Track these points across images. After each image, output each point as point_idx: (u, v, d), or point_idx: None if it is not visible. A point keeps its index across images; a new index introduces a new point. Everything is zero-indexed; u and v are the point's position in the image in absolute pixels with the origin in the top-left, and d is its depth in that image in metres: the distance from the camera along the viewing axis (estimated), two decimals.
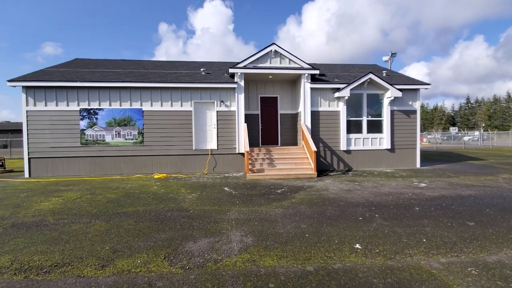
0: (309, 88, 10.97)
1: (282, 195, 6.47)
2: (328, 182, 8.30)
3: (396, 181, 8.33)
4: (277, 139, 12.32)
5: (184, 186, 7.69)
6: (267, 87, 12.26)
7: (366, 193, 6.69)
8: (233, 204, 5.69)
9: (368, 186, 7.61)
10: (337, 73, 12.96)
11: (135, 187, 7.72)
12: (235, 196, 6.44)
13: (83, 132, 10.31)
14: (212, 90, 10.77)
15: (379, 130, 11.52)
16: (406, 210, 5.16)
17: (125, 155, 10.47)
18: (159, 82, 10.42)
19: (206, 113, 10.91)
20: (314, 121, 11.13)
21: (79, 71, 11.63)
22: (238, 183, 8.20)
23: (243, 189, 7.29)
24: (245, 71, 10.62)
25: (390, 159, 11.52)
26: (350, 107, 11.32)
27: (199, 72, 12.06)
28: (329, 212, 5.02)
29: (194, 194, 6.62)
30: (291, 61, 11.07)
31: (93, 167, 10.38)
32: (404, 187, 7.40)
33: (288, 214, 4.93)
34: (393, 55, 23.03)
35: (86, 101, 10.32)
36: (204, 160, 10.75)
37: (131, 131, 10.48)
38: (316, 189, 7.16)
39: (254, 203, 5.76)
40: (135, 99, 10.48)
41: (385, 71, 13.23)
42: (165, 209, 5.33)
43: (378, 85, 11.20)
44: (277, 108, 12.32)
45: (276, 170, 9.41)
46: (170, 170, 10.59)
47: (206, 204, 5.70)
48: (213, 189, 7.24)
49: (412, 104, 11.67)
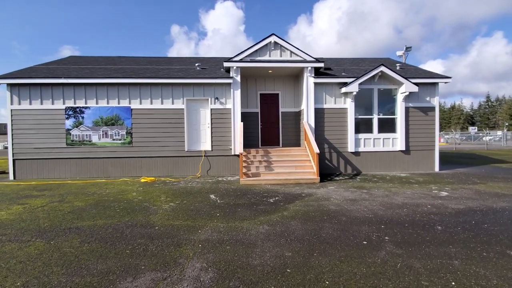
0: (312, 83, 9.90)
1: (273, 206, 5.48)
2: (331, 189, 7.23)
3: (411, 189, 7.16)
4: (278, 139, 11.30)
5: (166, 193, 6.82)
6: (268, 83, 11.27)
7: (375, 204, 5.60)
8: (211, 217, 4.75)
9: (378, 194, 6.49)
10: (345, 67, 11.81)
11: (113, 193, 6.92)
12: (218, 206, 5.50)
13: (69, 132, 9.66)
14: (205, 86, 9.88)
15: (392, 129, 10.30)
16: (425, 231, 4.05)
17: (113, 157, 9.74)
18: (149, 78, 9.63)
19: (199, 111, 10.04)
20: (318, 119, 10.04)
21: (67, 68, 11.03)
22: (229, 189, 7.26)
23: (231, 197, 6.34)
24: (242, 64, 9.67)
25: (404, 162, 10.27)
26: (359, 104, 10.16)
27: (193, 67, 11.21)
28: (326, 232, 3.99)
29: (172, 204, 5.73)
30: (292, 53, 10.03)
31: (79, 170, 9.70)
32: (422, 197, 6.24)
33: (274, 233, 3.94)
34: (408, 49, 21.47)
35: (71, 99, 9.66)
36: (197, 162, 9.88)
37: (119, 131, 9.74)
38: (316, 198, 6.12)
39: (237, 216, 4.80)
40: (123, 97, 9.74)
41: (398, 64, 11.96)
42: (128, 223, 4.46)
43: (390, 78, 9.98)
44: (278, 105, 11.30)
45: (273, 175, 8.41)
46: (161, 173, 9.78)
47: (179, 217, 4.78)
48: (197, 197, 6.33)
49: (430, 100, 10.38)
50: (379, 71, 9.82)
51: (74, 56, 13.67)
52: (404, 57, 21.92)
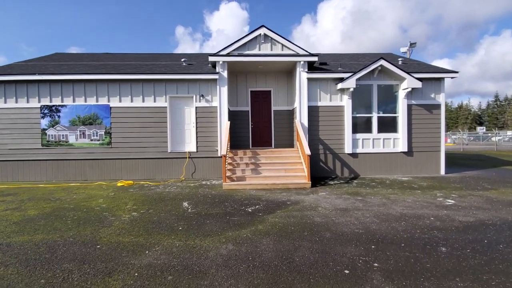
0: (305, 78, 9.12)
1: (249, 217, 4.73)
2: (322, 195, 6.44)
3: (413, 195, 6.34)
4: (270, 140, 10.54)
5: (136, 200, 6.12)
6: (259, 80, 10.52)
7: (369, 215, 4.81)
8: (170, 232, 4.02)
9: (374, 203, 5.69)
10: (343, 62, 10.99)
11: (78, 199, 6.24)
12: (186, 217, 4.77)
13: (44, 132, 9.04)
14: (190, 82, 9.17)
15: (393, 129, 9.46)
16: (426, 254, 3.26)
17: (91, 158, 9.09)
18: (129, 74, 8.96)
19: (184, 110, 9.33)
20: (312, 118, 9.25)
21: (46, 64, 10.44)
22: (208, 195, 6.53)
23: (207, 205, 5.60)
24: (228, 59, 8.94)
25: (406, 165, 9.42)
26: (356, 101, 9.34)
27: (179, 63, 10.52)
28: (301, 255, 3.23)
29: (135, 214, 5.02)
30: (284, 46, 9.26)
31: (56, 172, 9.07)
32: (424, 206, 5.42)
33: (236, 257, 3.19)
34: (413, 45, 20.49)
35: (47, 97, 9.04)
36: (181, 165, 9.17)
37: (97, 131, 9.09)
38: (302, 207, 5.35)
39: (202, 231, 4.06)
40: (102, 94, 9.08)
41: (400, 59, 11.10)
42: (69, 239, 3.75)
43: (391, 73, 9.15)
44: (270, 103, 10.54)
45: (260, 179, 7.66)
46: (142, 176, 9.10)
47: (133, 232, 4.06)
48: (168, 205, 5.61)
49: (435, 97, 9.50)
50: (379, 65, 8.99)
51: (60, 53, 13.11)
52: (409, 54, 20.94)
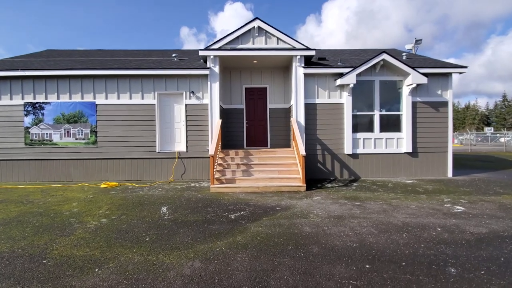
0: (302, 73, 8.55)
1: (230, 226, 4.19)
2: (316, 200, 5.87)
3: (417, 201, 5.73)
4: (266, 139, 9.99)
5: (113, 204, 5.63)
6: (254, 76, 9.97)
7: (366, 225, 4.23)
8: (135, 244, 3.50)
9: (373, 209, 5.10)
10: (343, 57, 10.39)
11: (52, 202, 5.78)
12: (160, 225, 4.25)
13: (28, 131, 8.63)
14: (180, 78, 8.67)
15: (397, 128, 8.83)
16: (431, 277, 2.69)
17: (76, 158, 8.65)
18: (115, 69, 8.49)
19: (173, 107, 8.84)
20: (310, 116, 8.68)
21: (33, 60, 10.05)
22: (192, 198, 6.01)
23: (187, 210, 5.08)
24: (220, 53, 8.41)
25: (411, 166, 8.79)
26: (357, 99, 8.74)
27: (171, 58, 10.03)
28: (279, 276, 2.68)
29: (104, 220, 4.52)
30: (279, 40, 8.71)
31: (39, 172, 8.66)
32: (430, 213, 4.82)
33: (199, 278, 2.65)
34: (418, 42, 19.73)
35: (31, 94, 8.63)
36: (170, 165, 8.68)
37: (82, 129, 8.65)
38: (291, 214, 4.79)
39: (170, 243, 3.54)
40: (87, 91, 8.63)
41: (405, 54, 10.46)
42: (16, 252, 3.26)
43: (394, 68, 8.53)
44: (266, 101, 9.99)
45: (251, 181, 7.11)
46: (129, 177, 8.63)
47: (92, 242, 3.56)
48: (144, 210, 5.10)
49: (442, 93, 8.85)
50: (381, 60, 8.38)
51: (51, 50, 12.74)
52: (414, 51, 20.18)
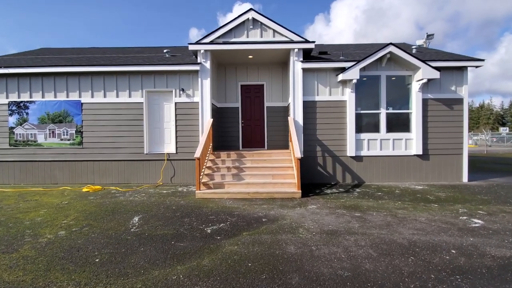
0: (300, 68, 7.85)
1: (202, 243, 3.56)
2: (311, 209, 5.18)
3: (428, 211, 4.97)
4: (263, 140, 9.34)
5: (84, 211, 5.09)
6: (250, 73, 9.33)
7: (364, 243, 3.53)
8: (79, 267, 2.92)
9: (375, 222, 4.38)
10: (347, 51, 9.63)
11: (20, 209, 5.29)
12: (120, 240, 3.67)
13: (12, 131, 8.25)
14: (169, 74, 8.12)
15: (405, 127, 8.03)
16: None
17: (61, 160, 8.21)
18: (101, 66, 8.01)
19: (163, 106, 8.29)
20: (309, 115, 7.98)
21: (21, 58, 9.70)
22: (173, 206, 5.42)
23: (161, 221, 4.49)
24: (211, 47, 7.81)
25: (421, 170, 7.97)
26: (361, 96, 7.99)
27: (162, 54, 9.51)
28: None
29: (63, 232, 3.97)
30: (276, 32, 8.04)
31: (24, 175, 8.26)
32: (442, 229, 4.07)
33: None
34: (430, 36, 18.58)
35: (15, 92, 8.25)
36: (159, 168, 8.14)
37: (67, 130, 8.20)
38: (278, 228, 4.13)
39: (121, 266, 2.94)
40: (73, 89, 8.18)
41: (415, 47, 9.61)
42: None
43: (403, 62, 7.74)
44: (263, 99, 9.34)
45: (241, 186, 6.47)
46: (116, 180, 8.13)
47: (31, 264, 3.00)
48: (113, 220, 4.54)
49: (456, 89, 8.00)
50: (387, 52, 7.61)
51: (45, 48, 12.45)
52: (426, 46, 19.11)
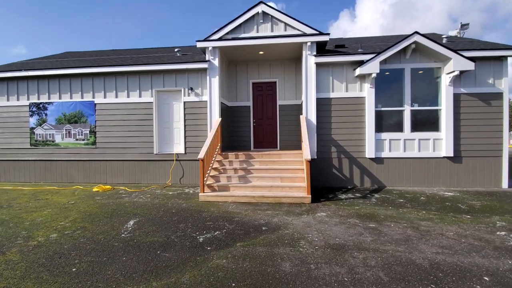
0: (313, 63, 7.32)
1: (190, 253, 3.26)
2: (320, 217, 4.69)
3: (457, 224, 4.27)
4: (275, 140, 8.91)
5: (85, 212, 5.03)
6: (262, 70, 8.94)
7: (375, 264, 3.01)
8: (53, 276, 2.74)
9: (392, 236, 3.81)
10: (368, 44, 8.89)
11: (27, 208, 5.36)
12: (107, 247, 3.47)
13: (33, 131, 8.59)
14: (178, 73, 7.97)
15: (434, 126, 7.19)
16: None
17: (76, 159, 8.40)
18: (112, 66, 8.06)
19: (172, 105, 8.17)
20: (323, 113, 7.42)
21: (42, 61, 10.11)
22: (173, 209, 5.20)
23: (156, 225, 4.26)
24: (220, 44, 7.53)
25: (452, 174, 7.09)
26: (382, 91, 7.28)
27: (173, 54, 9.41)
28: None
29: (55, 235, 3.87)
30: (287, 26, 7.58)
31: (43, 173, 8.58)
32: (474, 247, 3.41)
33: None
34: (464, 26, 16.79)
35: (35, 94, 8.58)
36: (168, 168, 8.03)
37: (82, 130, 8.37)
38: (277, 239, 3.71)
39: (95, 279, 2.71)
40: (87, 90, 8.33)
41: (445, 36, 8.65)
42: None
43: (430, 52, 6.92)
44: (275, 97, 8.90)
45: (247, 189, 6.11)
46: (127, 180, 8.16)
47: (10, 270, 2.87)
48: (108, 223, 4.39)
49: (494, 82, 7.00)
50: (412, 42, 6.83)
51: (69, 52, 12.97)
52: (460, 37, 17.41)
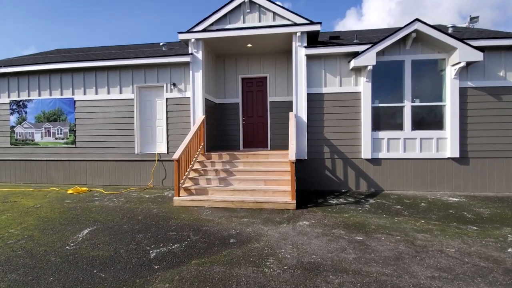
0: (304, 55, 6.72)
1: (130, 274, 2.73)
2: (301, 227, 4.10)
3: (461, 238, 3.63)
4: (266, 139, 8.33)
5: (43, 218, 4.57)
6: (252, 64, 8.37)
7: None
8: None
9: (379, 253, 3.20)
10: (366, 36, 8.23)
11: None
12: (40, 263, 2.98)
13: (13, 130, 8.24)
14: (160, 68, 7.48)
15: (437, 124, 6.50)
16: None
17: (56, 159, 8.00)
18: (92, 61, 7.61)
19: (155, 102, 7.69)
20: (314, 110, 6.81)
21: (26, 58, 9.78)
22: (140, 215, 4.68)
23: (111, 235, 3.75)
24: (203, 35, 7.00)
25: (458, 177, 6.38)
26: (379, 86, 6.63)
27: (159, 48, 8.93)
28: None
29: None
30: (276, 15, 7.00)
31: (23, 174, 8.21)
32: (479, 269, 2.78)
33: None
34: (474, 19, 15.84)
35: (16, 91, 8.22)
36: (150, 169, 7.55)
37: (61, 128, 7.96)
38: (243, 255, 3.15)
39: None
40: (66, 86, 7.91)
41: (451, 26, 7.93)
42: None
43: (433, 42, 6.24)
44: (266, 93, 8.33)
45: (227, 192, 5.55)
46: (107, 181, 7.71)
47: None
48: (61, 231, 3.90)
49: (506, 75, 6.27)
50: (413, 31, 6.16)
51: (60, 49, 12.67)
52: None
